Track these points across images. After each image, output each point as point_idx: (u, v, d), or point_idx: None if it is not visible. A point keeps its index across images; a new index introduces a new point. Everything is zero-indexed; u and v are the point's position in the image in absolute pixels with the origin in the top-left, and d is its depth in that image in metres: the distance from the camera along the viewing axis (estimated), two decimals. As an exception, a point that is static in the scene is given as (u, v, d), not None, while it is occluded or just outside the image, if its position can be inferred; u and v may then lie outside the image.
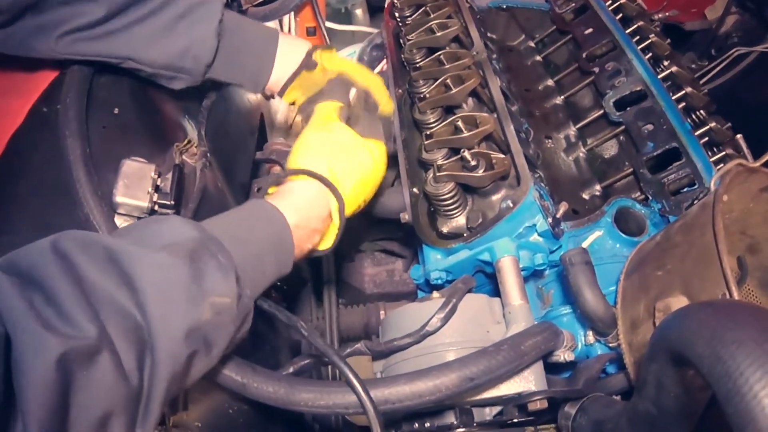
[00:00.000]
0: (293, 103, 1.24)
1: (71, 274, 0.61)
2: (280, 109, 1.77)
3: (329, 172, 0.99)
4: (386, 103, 1.24)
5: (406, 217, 1.23)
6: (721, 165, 1.15)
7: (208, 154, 1.16)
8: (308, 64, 1.18)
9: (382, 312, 1.54)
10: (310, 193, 0.97)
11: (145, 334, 0.63)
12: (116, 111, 1.04)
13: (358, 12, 2.19)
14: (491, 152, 1.11)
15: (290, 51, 1.19)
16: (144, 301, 0.63)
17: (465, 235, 1.12)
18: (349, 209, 1.02)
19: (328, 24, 1.93)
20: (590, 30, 1.50)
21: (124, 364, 0.61)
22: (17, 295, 0.57)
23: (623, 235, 1.11)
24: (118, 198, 0.91)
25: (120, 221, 0.92)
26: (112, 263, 0.64)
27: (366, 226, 1.65)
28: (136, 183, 0.93)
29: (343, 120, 1.09)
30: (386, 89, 1.25)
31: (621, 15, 1.51)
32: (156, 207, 0.95)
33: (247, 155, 1.54)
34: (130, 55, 1.02)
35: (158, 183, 0.96)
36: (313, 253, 1.00)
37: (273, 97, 1.28)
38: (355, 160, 1.03)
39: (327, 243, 1.02)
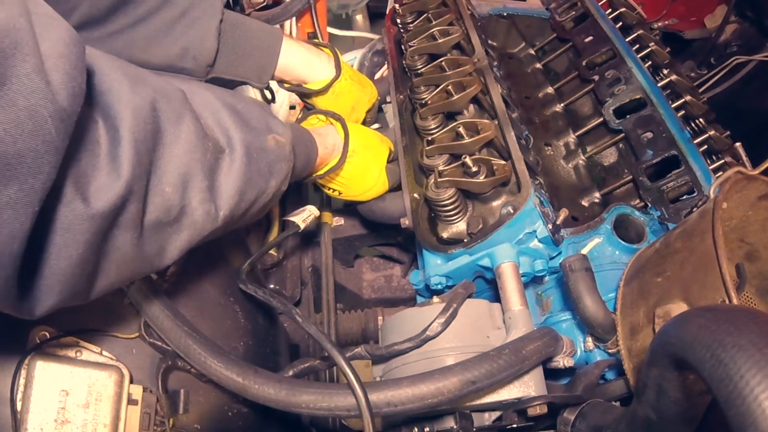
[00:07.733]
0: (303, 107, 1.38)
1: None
2: (280, 112, 1.77)
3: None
4: None
5: (406, 222, 1.23)
6: (720, 173, 1.15)
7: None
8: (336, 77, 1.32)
9: (380, 317, 1.55)
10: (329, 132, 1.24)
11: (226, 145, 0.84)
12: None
13: (359, 18, 2.21)
14: (492, 158, 1.12)
15: (294, 46, 1.24)
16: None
17: (465, 240, 1.12)
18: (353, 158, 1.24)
19: (329, 29, 1.95)
20: (590, 38, 1.51)
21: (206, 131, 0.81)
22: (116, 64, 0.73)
23: (622, 242, 1.11)
24: None
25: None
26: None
27: (364, 232, 1.65)
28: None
29: None
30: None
31: (621, 23, 1.52)
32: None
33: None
34: (130, 58, 1.01)
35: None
36: (313, 172, 1.21)
37: (273, 100, 1.29)
38: (370, 132, 1.34)
39: (323, 169, 1.22)
